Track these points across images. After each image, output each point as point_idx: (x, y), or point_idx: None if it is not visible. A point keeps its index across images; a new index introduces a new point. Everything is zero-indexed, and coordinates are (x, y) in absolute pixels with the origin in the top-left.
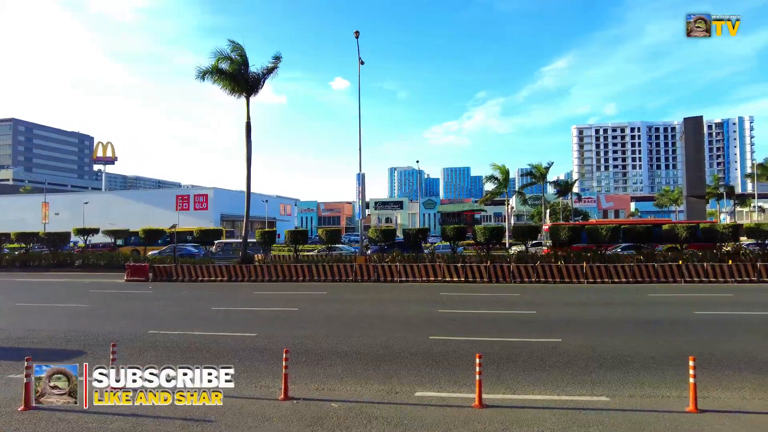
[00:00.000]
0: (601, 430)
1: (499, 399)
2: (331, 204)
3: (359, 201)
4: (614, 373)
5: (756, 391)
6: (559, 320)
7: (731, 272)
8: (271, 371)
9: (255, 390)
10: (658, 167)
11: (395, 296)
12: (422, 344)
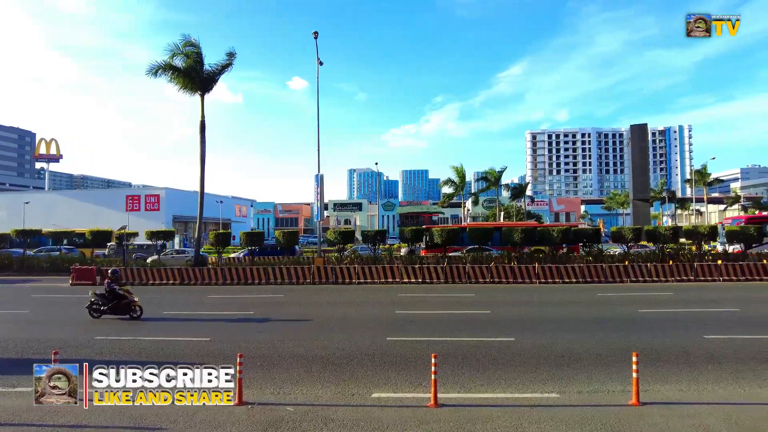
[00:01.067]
0: (552, 425)
1: (454, 398)
2: (288, 205)
3: (317, 202)
4: (564, 370)
5: (691, 384)
6: (513, 320)
7: (671, 272)
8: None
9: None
10: (607, 172)
11: (353, 298)
12: (379, 346)
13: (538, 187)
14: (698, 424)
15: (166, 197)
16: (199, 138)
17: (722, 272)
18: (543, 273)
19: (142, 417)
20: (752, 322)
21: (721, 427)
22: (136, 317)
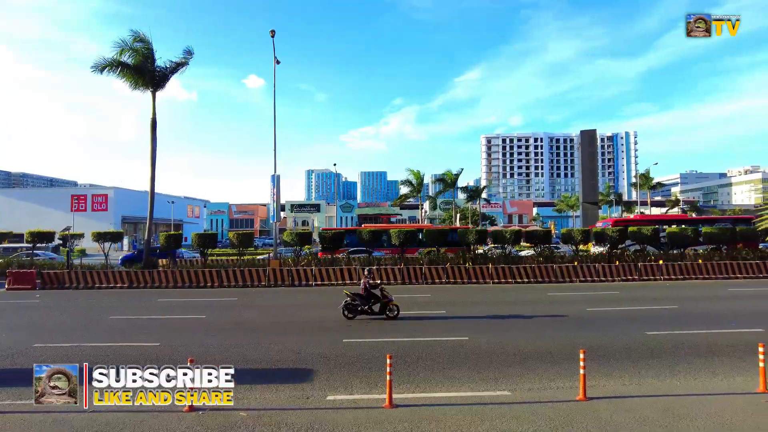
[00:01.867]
0: (503, 422)
1: (409, 398)
2: (244, 206)
3: (273, 203)
4: (515, 368)
5: (633, 378)
6: (467, 319)
7: (617, 272)
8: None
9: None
10: (558, 175)
11: (309, 300)
12: (335, 348)
13: (493, 189)
14: (639, 416)
15: (115, 197)
16: (150, 136)
17: (663, 272)
18: (497, 273)
19: (87, 426)
20: (688, 318)
21: (658, 417)
22: (393, 317)
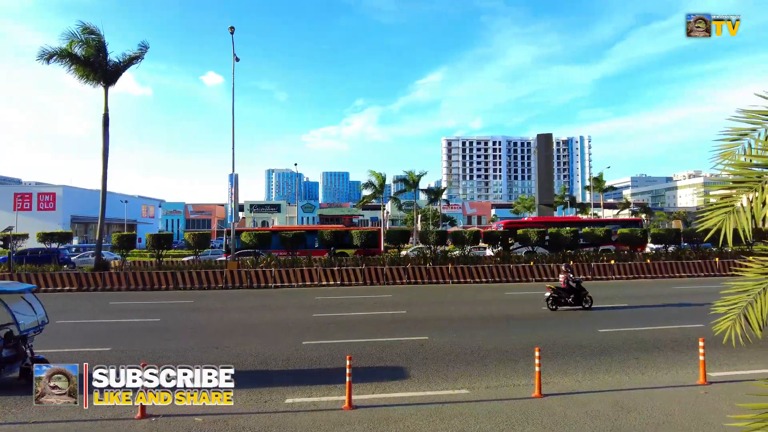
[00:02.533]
0: (461, 421)
1: (369, 399)
2: (201, 206)
3: (231, 203)
4: (474, 366)
5: (586, 374)
6: (427, 319)
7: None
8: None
9: (106, 410)
10: (515, 178)
11: (269, 303)
12: (295, 350)
13: (453, 191)
14: (590, 411)
15: (64, 196)
16: (102, 132)
17: (615, 271)
18: (456, 273)
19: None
20: (637, 316)
21: (608, 411)
22: (587, 308)
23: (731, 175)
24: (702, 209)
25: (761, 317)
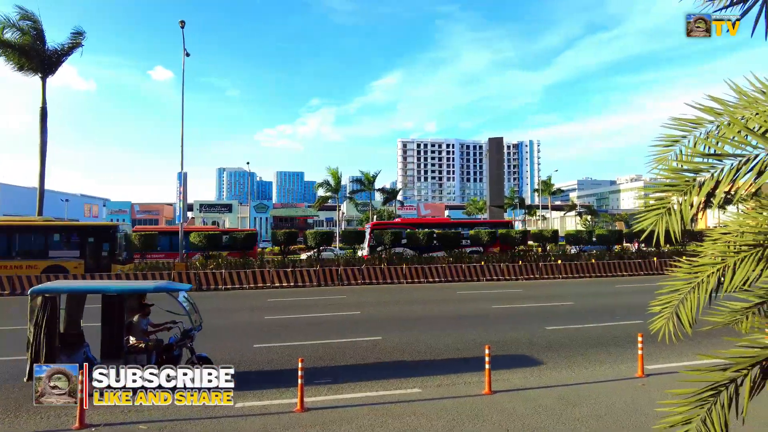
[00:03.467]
0: (413, 419)
1: (321, 401)
2: (148, 205)
3: (180, 202)
4: (426, 365)
5: (534, 370)
6: (381, 319)
7: (521, 271)
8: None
9: (41, 421)
10: (468, 180)
11: (218, 305)
12: (246, 354)
13: (408, 192)
14: (538, 406)
15: None
16: (39, 127)
17: (561, 271)
18: (410, 273)
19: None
20: (583, 313)
21: (554, 405)
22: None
23: (665, 179)
24: (638, 211)
25: (691, 315)
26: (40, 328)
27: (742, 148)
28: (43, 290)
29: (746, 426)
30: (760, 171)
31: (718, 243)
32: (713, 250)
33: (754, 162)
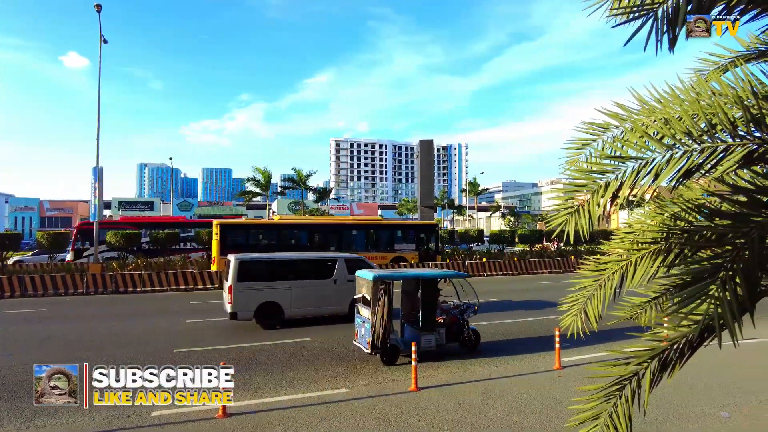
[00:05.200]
0: (341, 419)
1: (245, 405)
2: (59, 202)
3: (95, 199)
4: (354, 364)
5: (459, 366)
6: (309, 320)
7: (453, 269)
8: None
9: None
10: (400, 180)
11: (137, 309)
12: (165, 359)
13: (341, 192)
14: (462, 401)
15: None
16: None
17: (486, 269)
18: None
19: None
20: (505, 309)
21: (479, 400)
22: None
23: (575, 179)
24: (550, 211)
25: (598, 311)
26: (383, 307)
27: (643, 151)
28: (382, 277)
29: (647, 418)
30: (656, 173)
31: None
32: (618, 248)
33: (651, 165)
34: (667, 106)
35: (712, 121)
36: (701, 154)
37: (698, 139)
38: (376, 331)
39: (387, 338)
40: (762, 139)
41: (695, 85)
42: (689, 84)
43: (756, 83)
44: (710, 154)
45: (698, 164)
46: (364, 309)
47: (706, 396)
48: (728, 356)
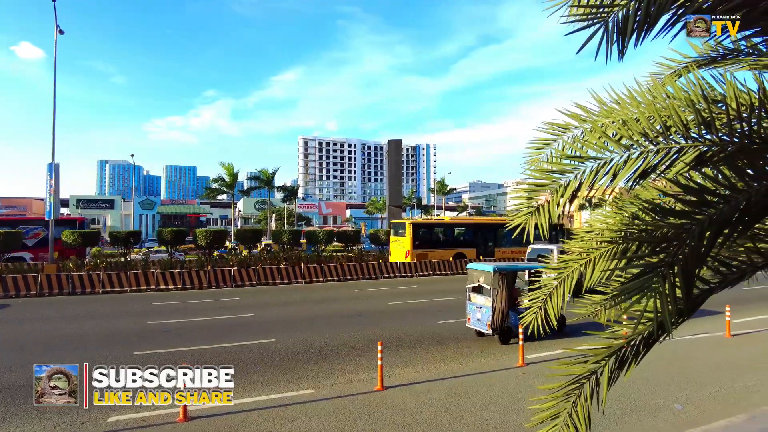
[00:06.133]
0: (305, 421)
1: (206, 408)
2: (11, 200)
3: (50, 196)
4: (320, 365)
5: (425, 364)
6: (275, 320)
7: (416, 268)
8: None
9: None
10: (369, 180)
11: (95, 310)
12: (124, 362)
13: (310, 191)
14: (428, 398)
15: None
16: None
17: (453, 267)
18: (308, 273)
19: None
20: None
21: (443, 398)
22: None
23: (535, 179)
24: (511, 210)
25: (557, 309)
26: (502, 295)
27: (602, 152)
28: (499, 269)
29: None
30: (614, 173)
31: (582, 241)
32: (578, 247)
33: (609, 165)
34: (624, 107)
35: (667, 123)
36: (656, 155)
37: (654, 140)
38: (496, 315)
39: (505, 321)
40: (712, 141)
41: (652, 89)
42: (646, 87)
43: (707, 88)
44: (665, 155)
45: (654, 165)
46: (478, 297)
47: (662, 389)
48: (683, 351)
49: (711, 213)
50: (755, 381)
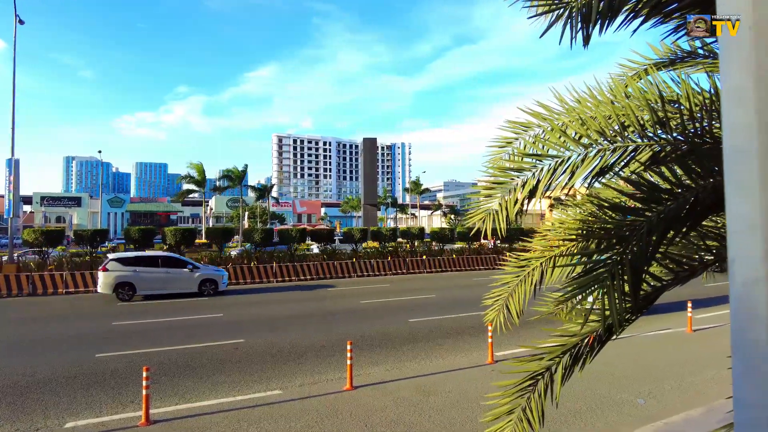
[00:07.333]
0: (272, 423)
1: (171, 411)
2: None
3: (10, 193)
4: (289, 365)
5: (395, 363)
6: (245, 320)
7: (390, 266)
8: None
9: None
10: (344, 178)
11: (57, 311)
12: (86, 364)
13: (284, 189)
14: (397, 398)
15: None
16: None
17: (426, 265)
18: (281, 272)
19: None
20: (442, 305)
21: (413, 396)
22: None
23: (496, 177)
24: (468, 209)
25: (519, 307)
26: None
27: (562, 151)
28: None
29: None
30: (572, 171)
31: (544, 239)
32: (539, 245)
33: (567, 163)
34: (584, 106)
35: (625, 123)
36: (613, 153)
37: (611, 139)
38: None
39: None
40: (666, 140)
41: (613, 89)
42: (607, 86)
43: (664, 88)
44: (621, 153)
45: (610, 164)
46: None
47: (626, 385)
48: (646, 347)
49: (659, 210)
50: (713, 374)
